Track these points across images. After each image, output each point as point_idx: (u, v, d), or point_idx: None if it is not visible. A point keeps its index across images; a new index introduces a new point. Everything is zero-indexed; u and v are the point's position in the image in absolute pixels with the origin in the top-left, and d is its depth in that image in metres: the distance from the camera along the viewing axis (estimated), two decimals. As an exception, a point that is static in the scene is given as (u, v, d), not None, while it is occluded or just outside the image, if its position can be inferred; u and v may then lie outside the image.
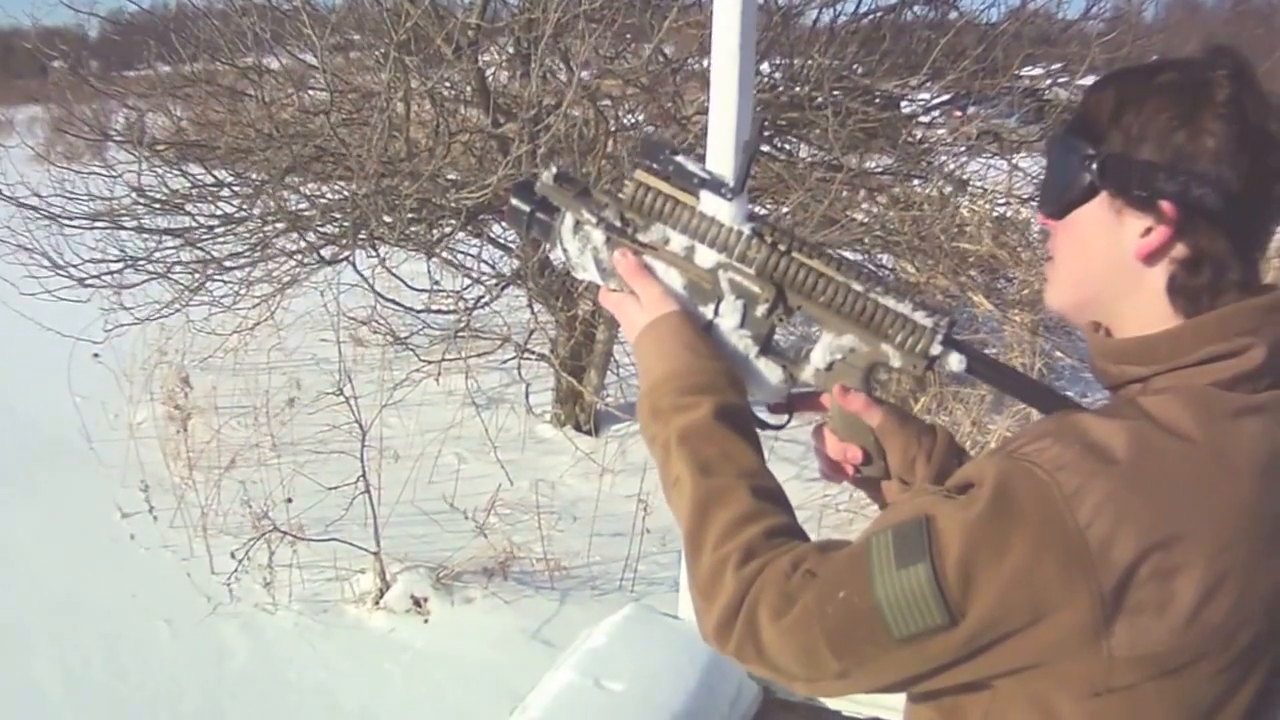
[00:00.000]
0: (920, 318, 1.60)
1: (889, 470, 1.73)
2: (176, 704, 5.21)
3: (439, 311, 7.90)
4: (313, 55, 7.03)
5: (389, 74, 6.55)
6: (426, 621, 5.64)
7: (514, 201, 1.81)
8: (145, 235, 7.85)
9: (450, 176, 7.20)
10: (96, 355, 8.67)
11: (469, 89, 7.17)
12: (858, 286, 1.61)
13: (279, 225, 7.51)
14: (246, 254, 7.79)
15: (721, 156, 1.89)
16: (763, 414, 1.74)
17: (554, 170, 1.81)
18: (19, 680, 5.33)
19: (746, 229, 1.65)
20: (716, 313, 1.69)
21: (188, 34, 7.68)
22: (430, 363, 7.99)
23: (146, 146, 7.81)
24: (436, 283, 7.73)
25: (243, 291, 8.07)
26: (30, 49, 8.43)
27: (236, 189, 7.83)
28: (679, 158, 1.67)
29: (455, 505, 6.44)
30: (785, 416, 1.75)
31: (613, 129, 7.09)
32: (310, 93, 7.78)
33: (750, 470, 1.54)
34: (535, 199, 1.79)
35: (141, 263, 7.81)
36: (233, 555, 5.89)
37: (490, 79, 7.26)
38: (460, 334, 7.78)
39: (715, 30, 1.83)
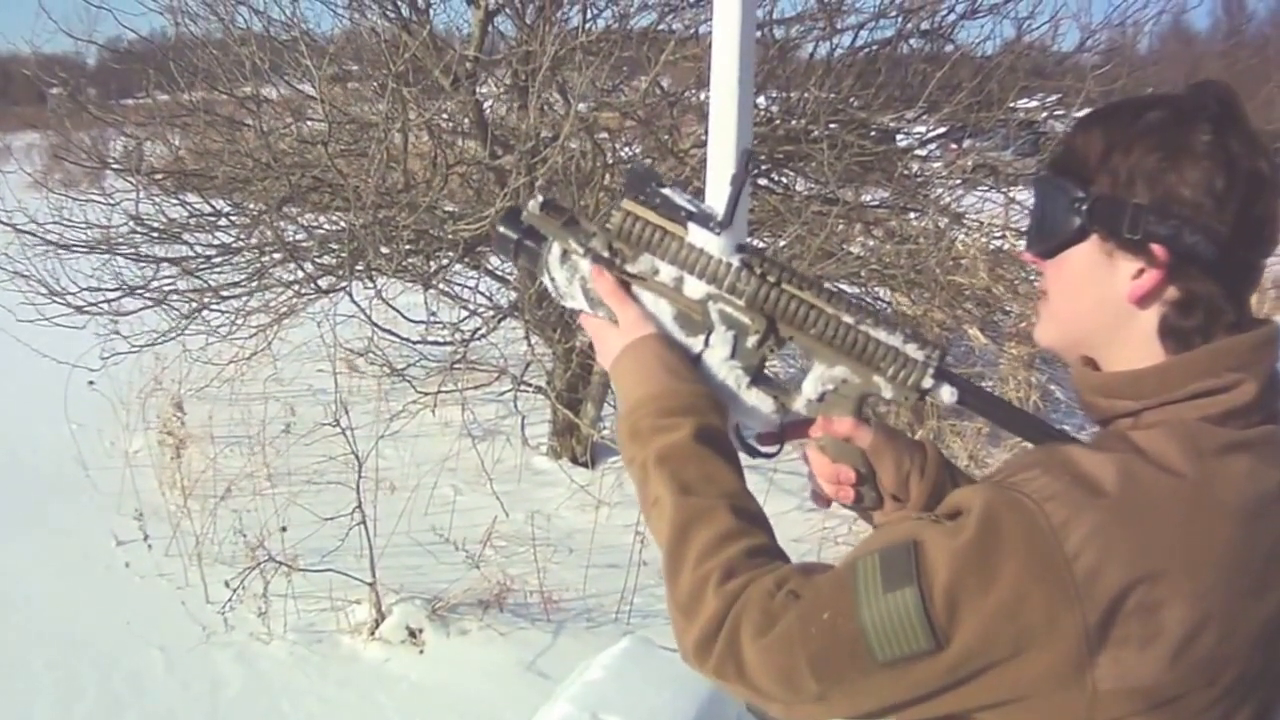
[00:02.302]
0: (912, 350, 1.63)
1: (880, 494, 1.76)
2: None
3: (436, 343, 7.96)
4: (311, 85, 7.13)
5: (387, 105, 6.64)
6: (422, 653, 5.68)
7: (501, 229, 1.85)
8: (142, 263, 7.92)
9: (448, 208, 7.28)
10: (92, 383, 8.72)
11: (467, 121, 7.27)
12: (848, 319, 1.64)
13: (276, 255, 7.61)
14: (243, 283, 7.89)
15: (720, 190, 1.82)
16: (754, 442, 1.77)
17: (541, 199, 1.85)
18: (13, 709, 5.38)
19: (736, 260, 1.68)
20: (707, 343, 1.72)
21: (186, 63, 7.77)
22: (427, 394, 8.03)
23: (144, 175, 7.89)
24: (433, 314, 7.80)
25: (239, 321, 8.15)
26: (29, 76, 8.55)
27: (234, 219, 7.94)
28: (666, 190, 1.71)
29: (450, 537, 6.48)
30: (776, 446, 1.77)
31: (610, 162, 7.17)
32: (308, 123, 7.85)
33: (731, 491, 1.56)
34: (522, 227, 1.83)
35: (139, 290, 7.89)
36: (227, 584, 5.95)
37: (488, 111, 7.35)
38: (457, 366, 7.84)
39: (714, 64, 1.79)
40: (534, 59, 6.48)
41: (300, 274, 7.52)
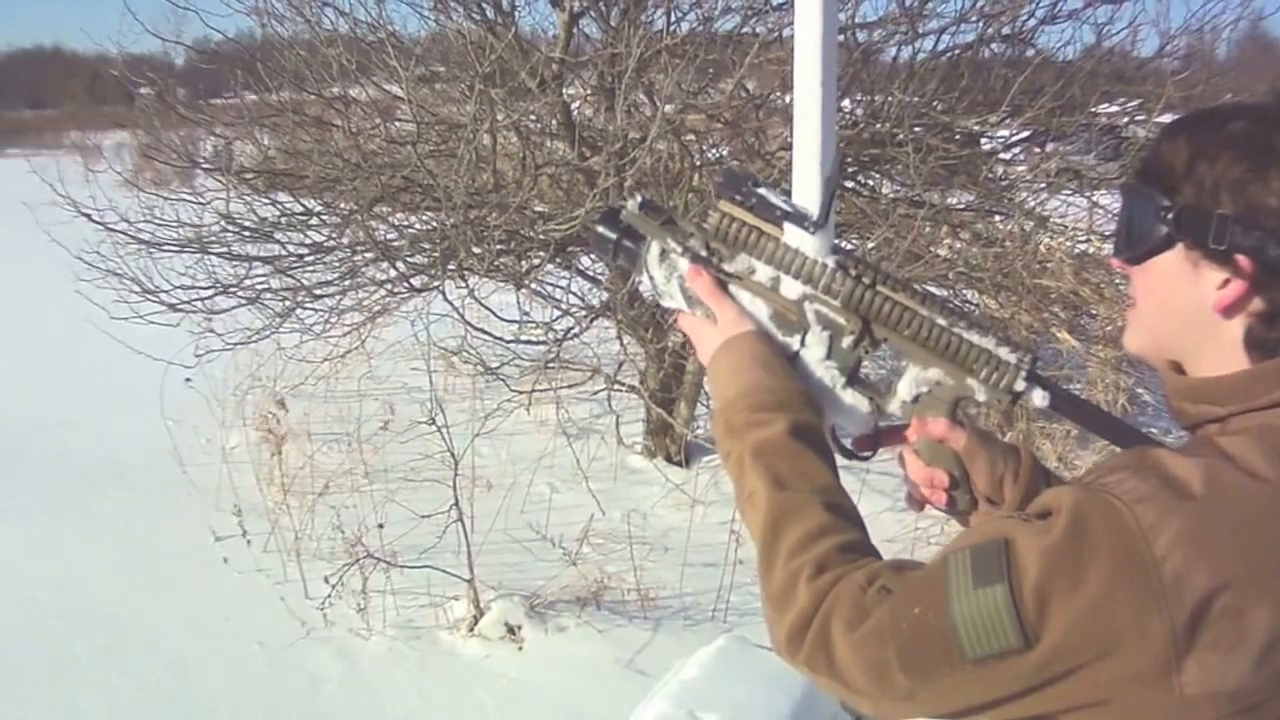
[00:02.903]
0: (1005, 353, 1.65)
1: (975, 496, 1.78)
2: None
3: (529, 342, 8.04)
4: (398, 86, 7.28)
5: (474, 106, 6.75)
6: (520, 649, 5.78)
7: (600, 229, 1.89)
8: (235, 262, 8.05)
9: (538, 208, 7.37)
10: (189, 380, 8.93)
11: (554, 122, 7.35)
12: (942, 321, 1.67)
13: (368, 254, 7.72)
14: (336, 282, 8.00)
15: (807, 191, 1.85)
16: (850, 446, 1.80)
17: (639, 199, 1.88)
18: (112, 703, 5.50)
19: (831, 261, 1.71)
20: (803, 343, 1.74)
21: (274, 64, 7.90)
22: (521, 393, 8.17)
23: (235, 175, 8.05)
24: (526, 314, 7.88)
25: (333, 319, 8.29)
26: (117, 76, 8.71)
27: (325, 218, 8.07)
28: (762, 190, 1.74)
29: (548, 535, 6.59)
30: (872, 451, 1.80)
31: (697, 163, 7.25)
32: (397, 123, 7.97)
33: (824, 486, 1.58)
34: (621, 227, 1.86)
35: (232, 289, 8.02)
36: (326, 580, 6.06)
37: (575, 112, 7.44)
38: (550, 365, 7.97)
39: (798, 68, 1.79)
40: (620, 61, 6.56)
41: (393, 273, 7.63)
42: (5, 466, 8.62)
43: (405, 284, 7.59)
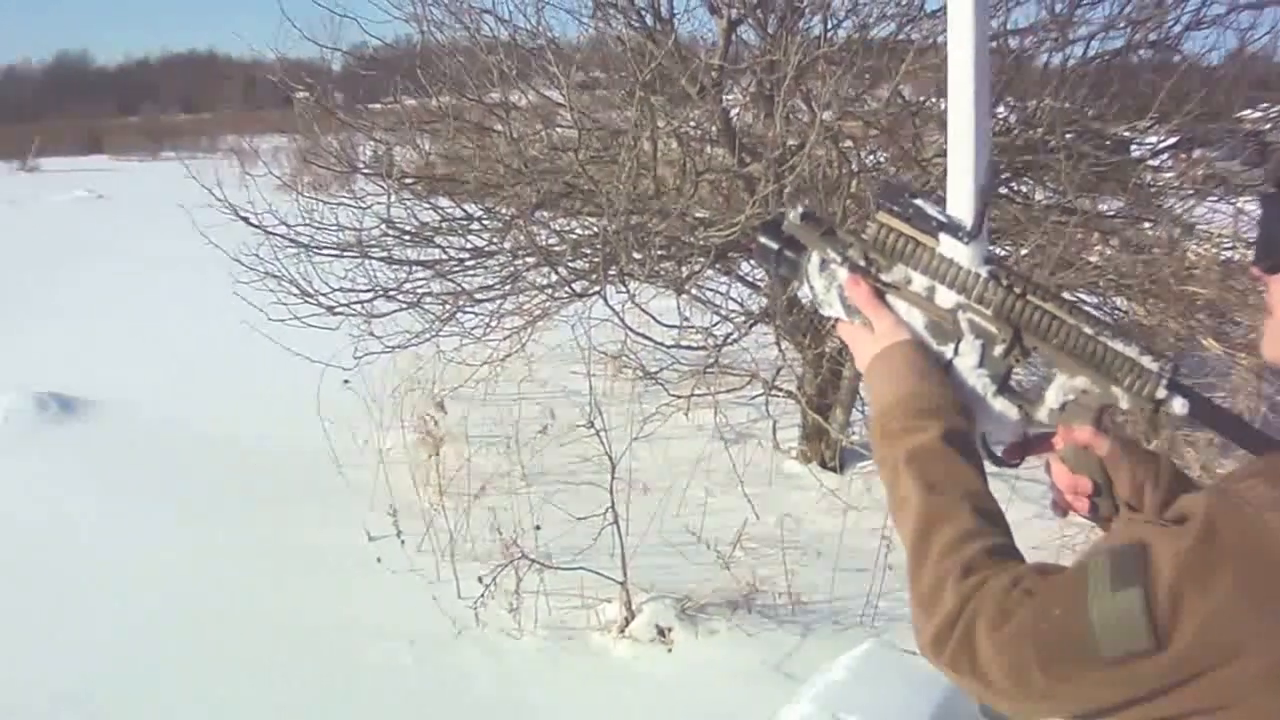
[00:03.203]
0: (1147, 362, 1.69)
1: (1116, 503, 1.81)
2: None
3: (688, 347, 8.21)
4: (559, 93, 7.49)
5: (635, 113, 6.95)
6: (670, 651, 5.92)
7: (762, 239, 1.97)
8: (395, 265, 8.31)
9: (699, 214, 7.53)
10: (347, 382, 9.25)
11: (714, 129, 7.52)
12: (1088, 329, 1.71)
13: (529, 259, 7.93)
14: (497, 287, 8.22)
15: (960, 200, 1.91)
16: (999, 453, 1.87)
17: (800, 209, 1.97)
18: (262, 698, 5.75)
19: (984, 271, 1.78)
20: (956, 351, 1.81)
21: (433, 70, 8.12)
22: (680, 397, 8.31)
23: (395, 179, 8.31)
24: (686, 319, 8.06)
25: (494, 323, 8.53)
26: (273, 81, 9.04)
27: (486, 223, 8.31)
28: (918, 201, 1.82)
29: (702, 538, 6.71)
30: (1020, 458, 1.86)
31: (855, 170, 7.36)
32: (558, 130, 8.15)
33: (974, 491, 1.64)
34: (783, 237, 1.95)
35: (392, 293, 8.28)
36: (480, 580, 6.26)
37: (735, 119, 7.60)
38: (709, 370, 8.12)
39: (950, 77, 1.86)
40: (778, 68, 6.70)
41: (554, 278, 7.83)
42: (164, 467, 9.05)
43: (566, 289, 7.81)
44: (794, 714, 4.39)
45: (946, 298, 1.82)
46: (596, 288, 7.70)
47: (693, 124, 7.63)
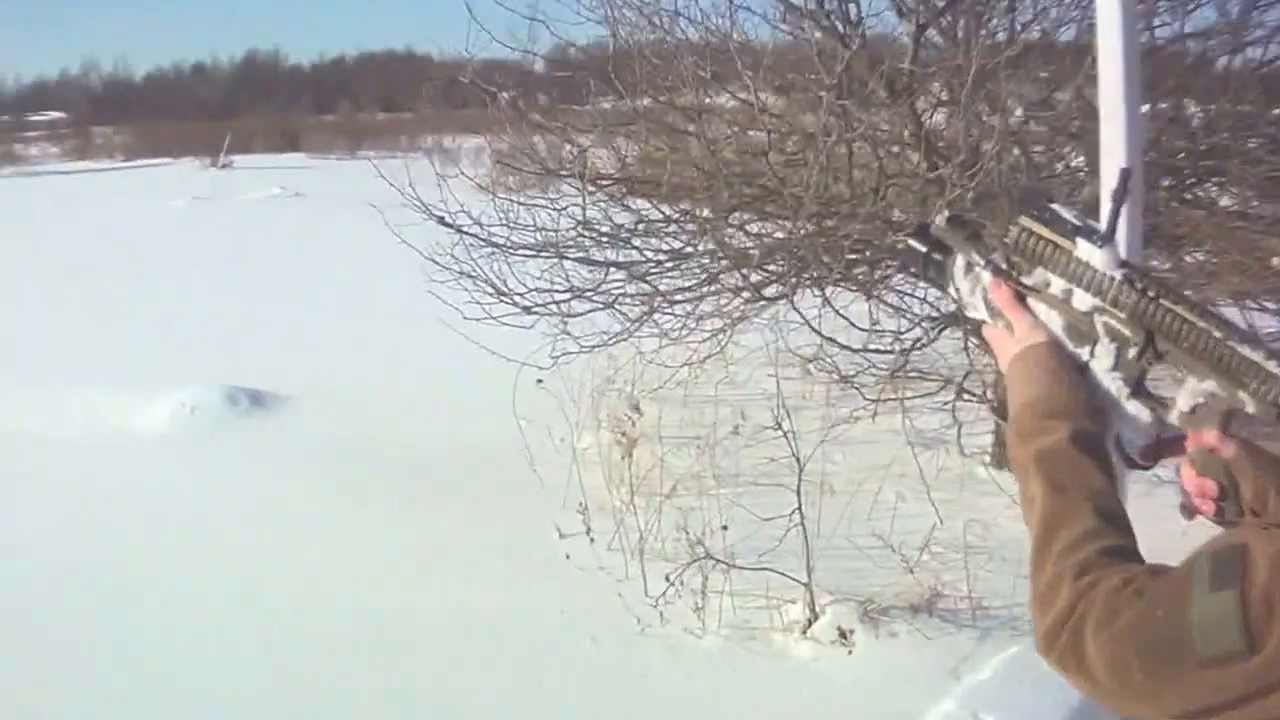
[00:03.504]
0: (1273, 367, 1.68)
1: (1242, 508, 1.78)
2: (592, 716, 5.87)
3: (878, 351, 8.36)
4: (752, 95, 7.70)
5: (823, 117, 7.14)
6: (850, 653, 6.09)
7: (910, 242, 2.07)
8: (591, 267, 8.61)
9: (891, 218, 7.66)
10: (540, 381, 9.53)
11: (905, 132, 7.70)
12: (1217, 334, 1.72)
13: (724, 262, 8.17)
14: (693, 289, 8.49)
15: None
16: (1134, 455, 1.88)
17: (947, 214, 2.05)
18: (446, 683, 6.11)
19: (1118, 275, 1.81)
20: (1092, 354, 1.86)
21: (626, 72, 8.29)
22: (873, 401, 8.52)
23: (591, 181, 8.56)
24: (876, 323, 8.22)
25: (692, 325, 8.79)
26: (466, 82, 9.24)
27: (682, 225, 8.57)
28: (1054, 205, 1.88)
29: (889, 542, 6.88)
30: (1154, 461, 1.88)
31: (1044, 175, 7.49)
32: (751, 132, 8.35)
33: (1098, 492, 1.69)
34: (931, 240, 2.03)
35: (588, 293, 8.58)
36: (667, 579, 6.52)
37: (925, 122, 7.75)
38: (897, 374, 8.30)
39: (1101, 84, 2.03)
40: (963, 72, 6.82)
41: (750, 280, 8.08)
42: (353, 462, 9.55)
43: (758, 292, 8.04)
44: (938, 711, 4.60)
45: (1083, 301, 1.86)
46: (789, 291, 7.91)
47: (884, 128, 7.77)
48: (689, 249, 8.50)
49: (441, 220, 8.76)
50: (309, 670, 6.33)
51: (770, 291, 8.00)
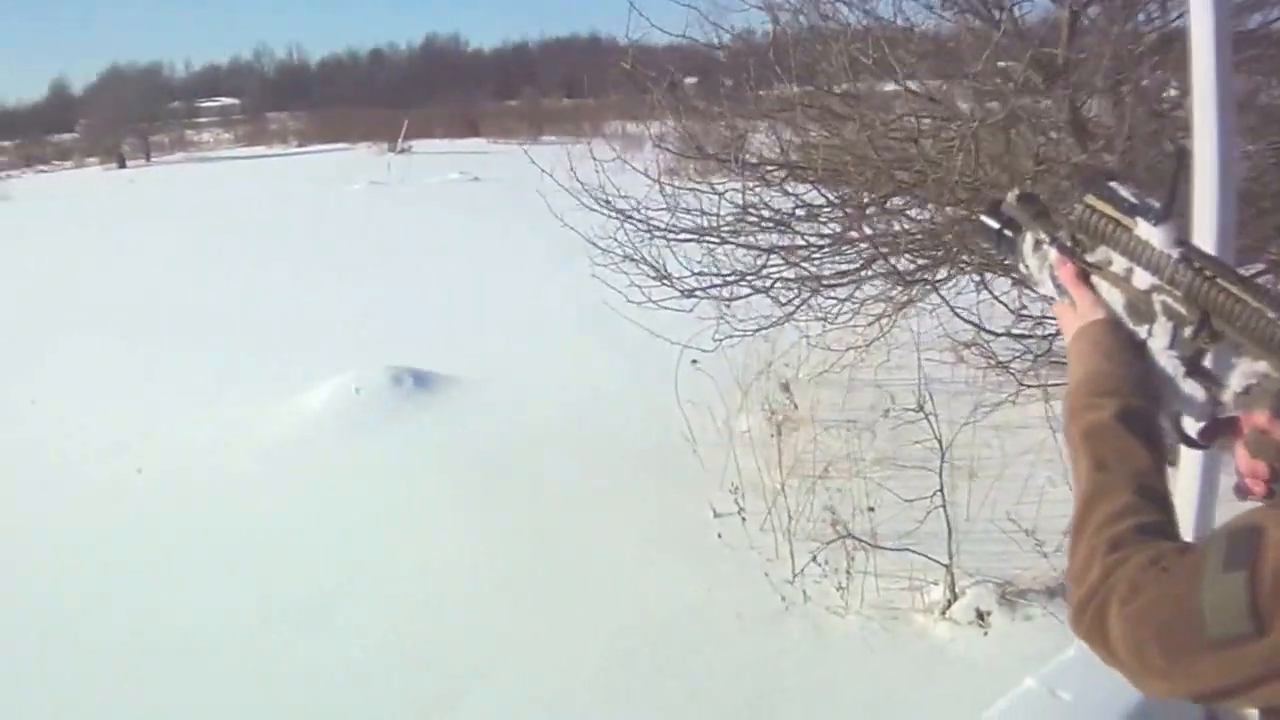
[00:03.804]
0: None
1: None
2: (729, 691, 6.16)
3: (1023, 336, 8.48)
4: (912, 82, 7.94)
5: (971, 104, 7.45)
6: (986, 635, 6.35)
7: (984, 219, 2.09)
8: (751, 251, 8.84)
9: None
10: (695, 362, 9.83)
11: (1061, 119, 7.82)
12: (1271, 314, 1.68)
13: (882, 248, 8.37)
14: (851, 274, 8.71)
15: (1206, 192, 2.17)
16: (1192, 435, 1.87)
17: (1017, 192, 2.07)
18: (568, 650, 6.52)
19: (1175, 253, 1.79)
20: (1149, 333, 1.85)
21: (786, 59, 8.33)
22: (1027, 386, 8.66)
23: (750, 166, 8.79)
24: (1023, 308, 8.33)
25: (855, 309, 9.01)
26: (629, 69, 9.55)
27: (840, 210, 8.78)
28: (1113, 184, 1.87)
29: (1030, 526, 7.00)
30: (1211, 440, 1.85)
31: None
32: (909, 119, 8.35)
33: (1139, 470, 1.69)
34: (1003, 218, 2.06)
35: (750, 277, 8.80)
36: (814, 558, 6.85)
37: (1083, 109, 7.85)
38: (1040, 359, 8.40)
39: (1194, 72, 2.09)
40: (1118, 57, 7.02)
41: (910, 265, 8.32)
42: (522, 442, 10.05)
43: (901, 277, 8.28)
44: (1020, 687, 4.82)
45: (1142, 279, 1.86)
46: (941, 277, 8.14)
47: (1041, 115, 7.91)
48: (851, 233, 8.70)
49: (609, 203, 9.09)
50: (460, 641, 6.80)
51: (928, 276, 8.19)
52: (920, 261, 8.39)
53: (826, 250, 8.78)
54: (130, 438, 11.03)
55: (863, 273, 8.71)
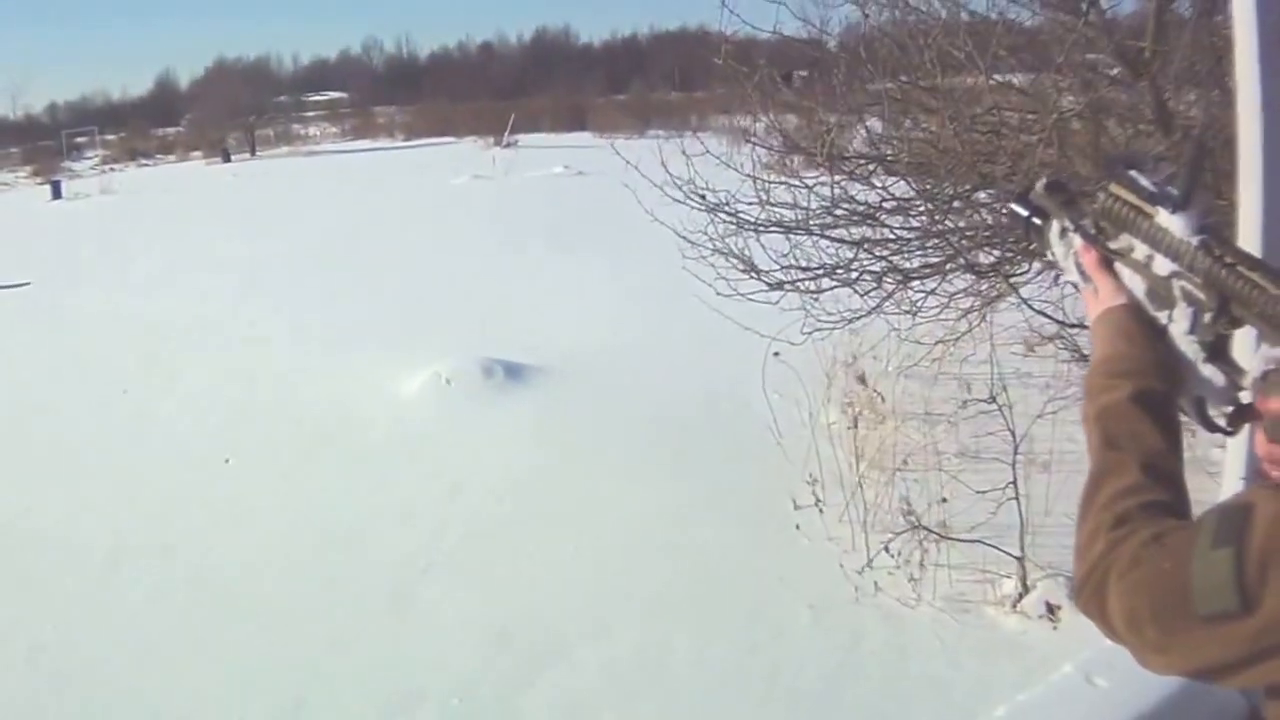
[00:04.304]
0: None
1: None
2: (797, 679, 6.31)
3: (1083, 327, 8.19)
4: (1001, 76, 7.99)
5: (1052, 97, 7.44)
6: (1055, 629, 6.39)
7: (1014, 207, 2.12)
8: (839, 244, 8.94)
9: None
10: (777, 354, 9.91)
11: (1148, 111, 7.83)
12: None
13: (963, 242, 8.46)
14: (936, 266, 8.80)
15: (1250, 182, 2.16)
16: (1217, 420, 1.86)
17: (1045, 180, 2.09)
18: (665, 645, 6.65)
19: (1195, 240, 1.80)
20: (1170, 319, 1.86)
21: (876, 55, 8.58)
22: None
23: (838, 159, 8.85)
24: None
25: (944, 302, 9.05)
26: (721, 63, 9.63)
27: (931, 203, 8.80)
28: (1132, 172, 1.89)
29: None
30: (1237, 426, 1.84)
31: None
32: (996, 112, 8.41)
33: (1151, 449, 1.71)
34: (1031, 206, 2.09)
35: (839, 270, 8.92)
36: (886, 549, 6.94)
37: (1168, 100, 7.83)
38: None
39: (1239, 82, 2.07)
40: (1203, 50, 7.08)
41: (997, 257, 8.41)
42: (611, 435, 10.24)
43: (981, 271, 8.38)
44: (1057, 674, 4.87)
45: (1163, 265, 1.87)
46: (1022, 270, 8.23)
47: (1127, 108, 7.97)
48: (938, 226, 8.77)
49: (703, 198, 9.19)
50: (539, 622, 7.03)
51: (997, 270, 8.29)
52: (1002, 255, 8.40)
53: (914, 244, 8.85)
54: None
55: (947, 266, 8.77)
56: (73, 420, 11.84)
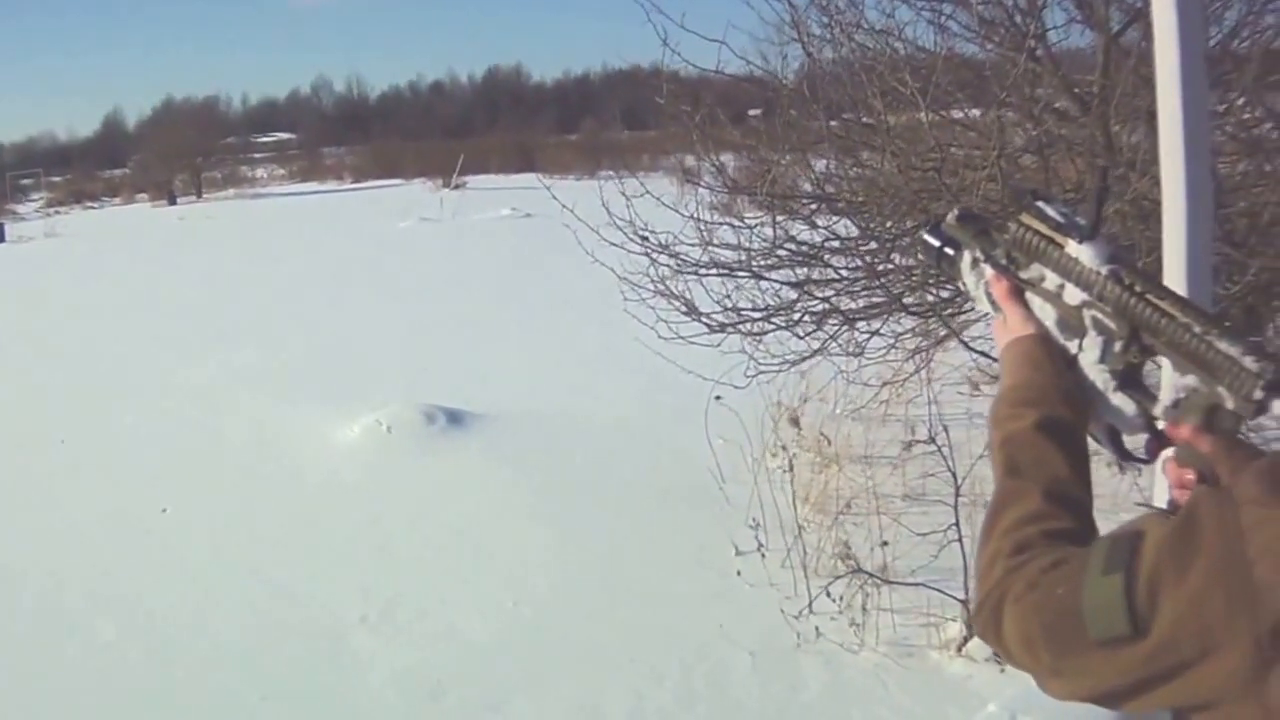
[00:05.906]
0: (1249, 362, 1.71)
1: None
2: None
3: None
4: (951, 112, 8.06)
5: (994, 130, 7.44)
6: (1003, 671, 6.29)
7: (925, 237, 2.21)
8: (780, 286, 9.02)
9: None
10: (719, 398, 10.01)
11: (1096, 145, 7.89)
12: (1197, 328, 1.77)
13: (912, 281, 8.49)
14: (880, 307, 8.84)
15: (1175, 214, 2.21)
16: (1129, 450, 1.98)
17: (958, 211, 2.18)
18: (603, 695, 6.59)
19: (1105, 269, 1.89)
20: (1080, 347, 1.94)
21: (819, 93, 8.63)
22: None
23: (780, 198, 8.96)
24: None
25: (891, 343, 9.22)
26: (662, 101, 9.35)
27: (876, 241, 8.81)
28: (1040, 203, 1.99)
29: None
30: (1155, 454, 1.91)
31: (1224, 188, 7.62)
32: (939, 148, 8.36)
33: (1054, 477, 1.77)
34: (944, 236, 2.17)
35: (781, 311, 8.99)
36: (827, 594, 6.90)
37: (1115, 135, 7.82)
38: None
39: (1159, 95, 2.13)
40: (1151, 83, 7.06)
41: (937, 298, 8.43)
42: (551, 481, 10.21)
43: (914, 312, 8.46)
44: (982, 714, 4.85)
45: (1073, 295, 1.95)
46: (962, 312, 8.23)
47: (1077, 141, 7.93)
48: (880, 266, 8.78)
49: (645, 239, 9.29)
50: (474, 674, 6.95)
51: (933, 311, 8.36)
52: (949, 294, 8.39)
53: (858, 284, 8.89)
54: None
55: (892, 306, 8.81)
56: (5, 467, 11.75)
